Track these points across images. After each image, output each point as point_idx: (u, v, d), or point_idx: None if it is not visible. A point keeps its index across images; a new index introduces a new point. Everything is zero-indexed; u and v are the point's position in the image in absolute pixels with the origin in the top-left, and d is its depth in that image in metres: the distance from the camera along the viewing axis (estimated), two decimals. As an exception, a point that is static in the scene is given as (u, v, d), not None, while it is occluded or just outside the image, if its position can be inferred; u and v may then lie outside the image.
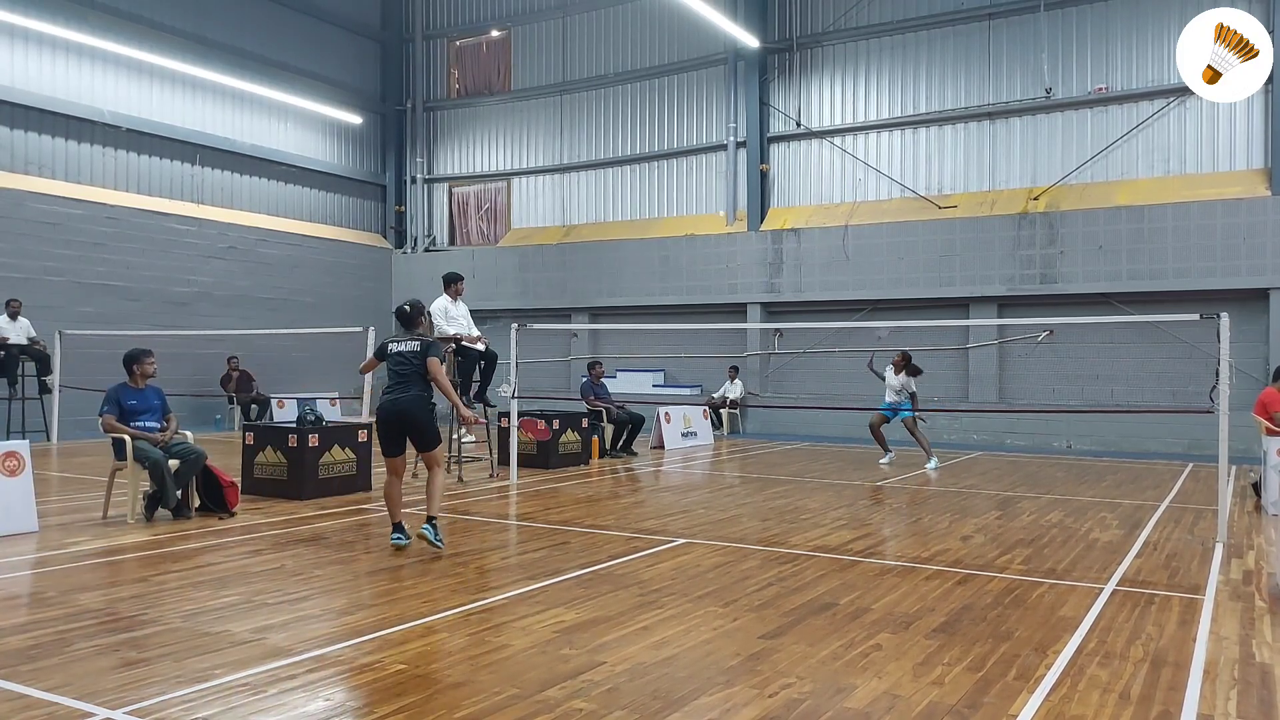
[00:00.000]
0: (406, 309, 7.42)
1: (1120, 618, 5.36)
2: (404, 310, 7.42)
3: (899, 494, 10.73)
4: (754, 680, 4.24)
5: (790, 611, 5.42)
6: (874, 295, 18.40)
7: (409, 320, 7.41)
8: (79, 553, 6.97)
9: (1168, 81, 16.36)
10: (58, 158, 17.88)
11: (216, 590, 5.82)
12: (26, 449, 7.85)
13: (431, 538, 6.89)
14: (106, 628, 4.98)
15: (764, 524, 8.53)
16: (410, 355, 7.11)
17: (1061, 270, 16.94)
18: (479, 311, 14.61)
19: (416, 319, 7.45)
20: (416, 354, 7.09)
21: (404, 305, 7.44)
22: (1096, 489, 11.15)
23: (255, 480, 9.94)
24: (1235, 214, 15.65)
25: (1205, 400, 8.45)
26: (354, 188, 24.12)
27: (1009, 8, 17.82)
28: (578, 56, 22.68)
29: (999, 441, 17.10)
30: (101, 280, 18.04)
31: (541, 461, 12.83)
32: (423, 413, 6.99)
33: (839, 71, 19.61)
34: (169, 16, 19.58)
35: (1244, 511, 9.43)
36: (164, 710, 3.81)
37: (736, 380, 19.58)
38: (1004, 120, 18.08)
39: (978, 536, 7.95)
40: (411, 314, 7.42)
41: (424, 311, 7.60)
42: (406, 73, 24.83)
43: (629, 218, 22.09)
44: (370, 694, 4.05)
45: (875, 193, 19.25)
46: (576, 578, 6.26)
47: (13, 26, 16.93)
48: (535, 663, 4.45)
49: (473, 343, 11.40)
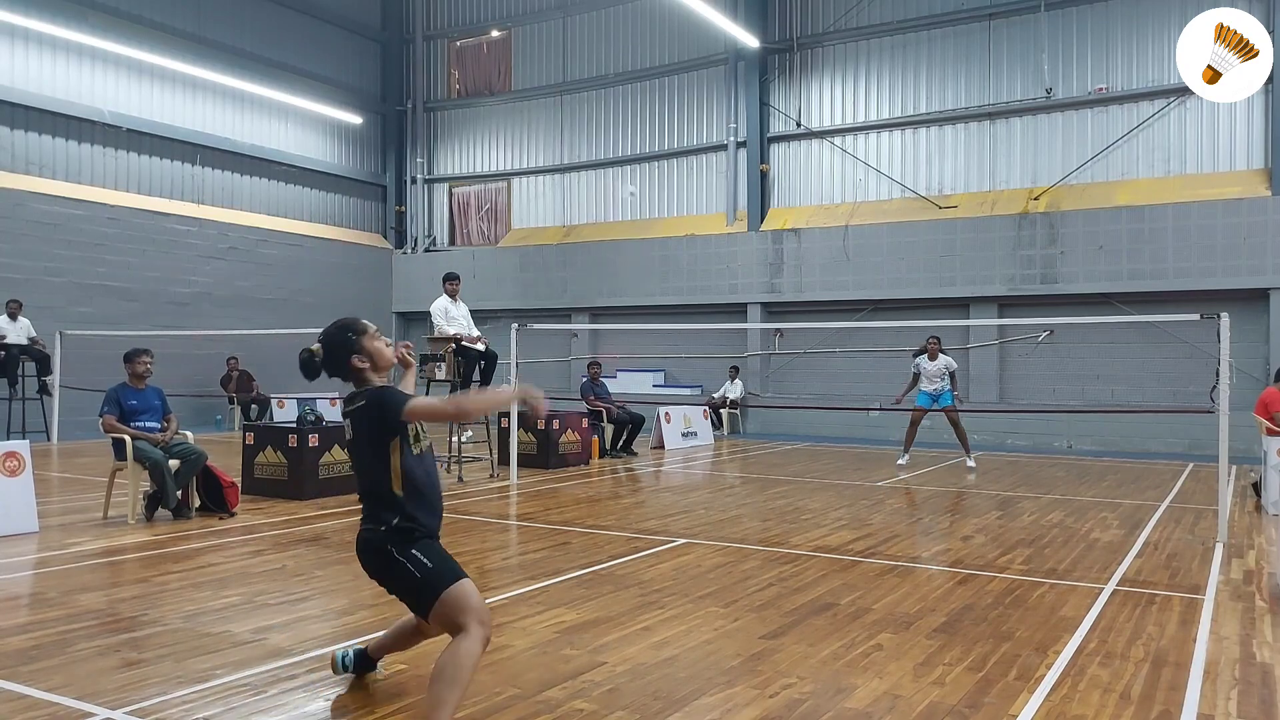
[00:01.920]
0: (307, 354, 3.84)
1: (1121, 618, 5.36)
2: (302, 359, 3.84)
3: (899, 494, 10.73)
4: (755, 680, 4.24)
5: (791, 612, 5.42)
6: (874, 295, 18.40)
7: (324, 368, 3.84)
8: (79, 553, 6.97)
9: (1168, 81, 16.36)
10: (58, 158, 17.88)
11: (217, 590, 5.82)
12: (26, 449, 7.85)
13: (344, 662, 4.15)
14: (107, 628, 4.98)
15: (765, 524, 8.53)
16: (350, 447, 3.81)
17: (1062, 270, 16.94)
18: (479, 311, 14.60)
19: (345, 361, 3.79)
20: (355, 441, 3.74)
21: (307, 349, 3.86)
22: (1097, 489, 11.15)
23: (255, 480, 9.94)
24: (1235, 214, 15.65)
25: (1205, 400, 8.46)
26: (354, 188, 24.12)
27: (1009, 8, 17.82)
28: (578, 56, 22.68)
29: (999, 441, 17.10)
30: (102, 281, 18.04)
31: (541, 461, 12.83)
32: (386, 562, 3.66)
33: (839, 71, 19.61)
34: (169, 16, 19.58)
35: (1244, 511, 9.43)
36: (164, 710, 3.81)
37: (737, 380, 19.57)
38: (1004, 120, 18.08)
39: (978, 536, 7.94)
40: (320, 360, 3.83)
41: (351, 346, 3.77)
42: (407, 73, 24.83)
43: (629, 218, 22.09)
44: (370, 694, 4.05)
45: (875, 193, 19.25)
46: (577, 578, 6.25)
47: (13, 26, 16.93)
48: (536, 663, 4.45)
49: (473, 343, 11.42)
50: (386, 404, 3.61)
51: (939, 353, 12.85)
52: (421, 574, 3.60)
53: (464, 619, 3.53)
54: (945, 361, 12.83)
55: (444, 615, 3.58)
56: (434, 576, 3.60)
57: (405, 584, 3.65)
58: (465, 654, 3.44)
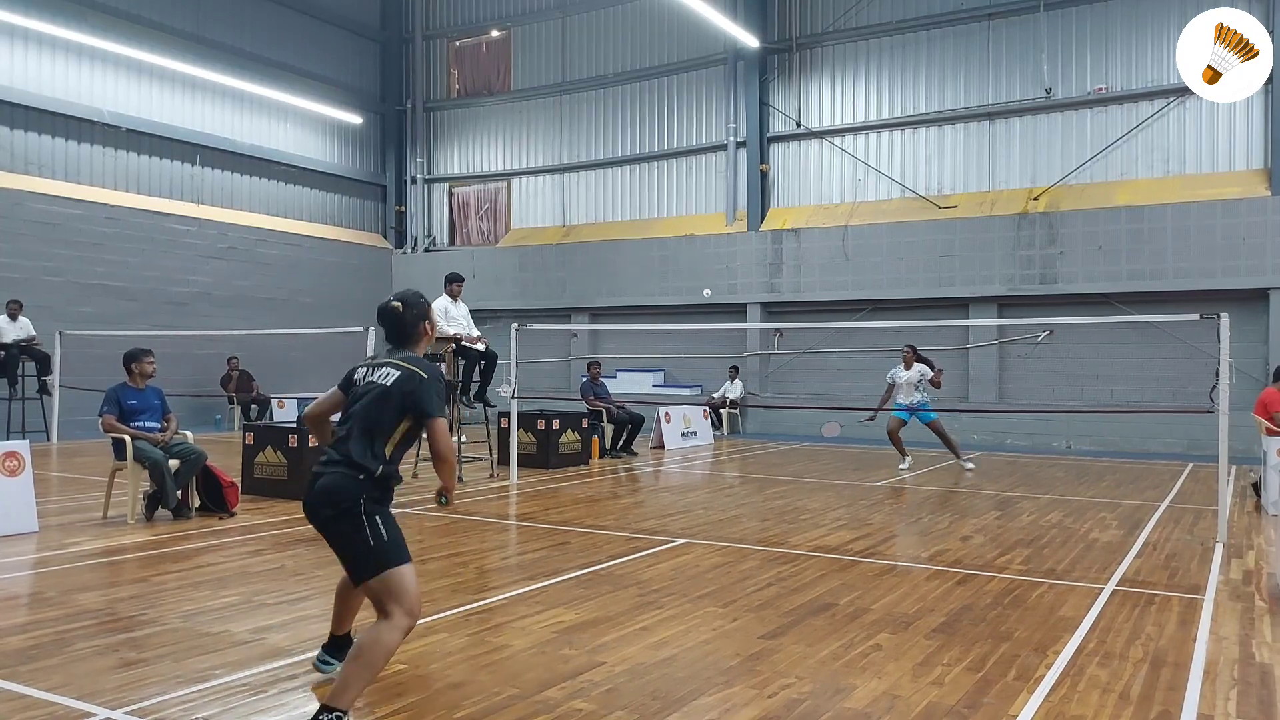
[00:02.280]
0: (396, 306, 4.00)
1: (1120, 618, 5.36)
2: (390, 309, 4.01)
3: (899, 494, 10.73)
4: (753, 680, 4.24)
5: (790, 612, 5.42)
6: (874, 295, 18.40)
7: (400, 327, 3.99)
8: (79, 553, 6.97)
9: (1168, 81, 16.36)
10: (58, 158, 17.88)
11: (216, 590, 5.82)
12: (26, 449, 7.85)
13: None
14: (106, 628, 4.98)
15: (763, 524, 8.53)
16: (375, 393, 3.78)
17: (1061, 270, 16.94)
18: (479, 311, 14.61)
19: (415, 325, 4.01)
20: (388, 393, 3.76)
21: (391, 300, 4.03)
22: (1096, 489, 11.15)
23: (255, 480, 9.94)
24: (1235, 214, 15.65)
25: (1205, 400, 8.46)
26: (354, 188, 24.12)
27: (1009, 8, 17.82)
28: (578, 56, 22.68)
29: (999, 442, 17.10)
30: (101, 280, 18.04)
31: (541, 461, 12.84)
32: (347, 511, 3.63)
33: (839, 71, 19.61)
34: (169, 16, 19.58)
35: (1244, 511, 9.43)
36: (163, 710, 3.81)
37: (736, 380, 19.57)
38: (1004, 120, 18.08)
39: (977, 537, 7.95)
40: (405, 316, 3.99)
41: (425, 314, 4.05)
42: (406, 73, 24.83)
43: (629, 218, 22.09)
44: (370, 694, 4.05)
45: (875, 193, 19.25)
46: (576, 578, 6.25)
47: (13, 26, 16.92)
48: (535, 663, 4.45)
49: (472, 343, 11.42)
50: (429, 395, 3.75)
51: (914, 361, 12.57)
52: (375, 544, 3.60)
53: (394, 605, 3.57)
54: (920, 370, 12.52)
55: (378, 592, 3.60)
56: (386, 551, 3.60)
57: (354, 547, 3.63)
58: (385, 642, 3.53)
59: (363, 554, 3.62)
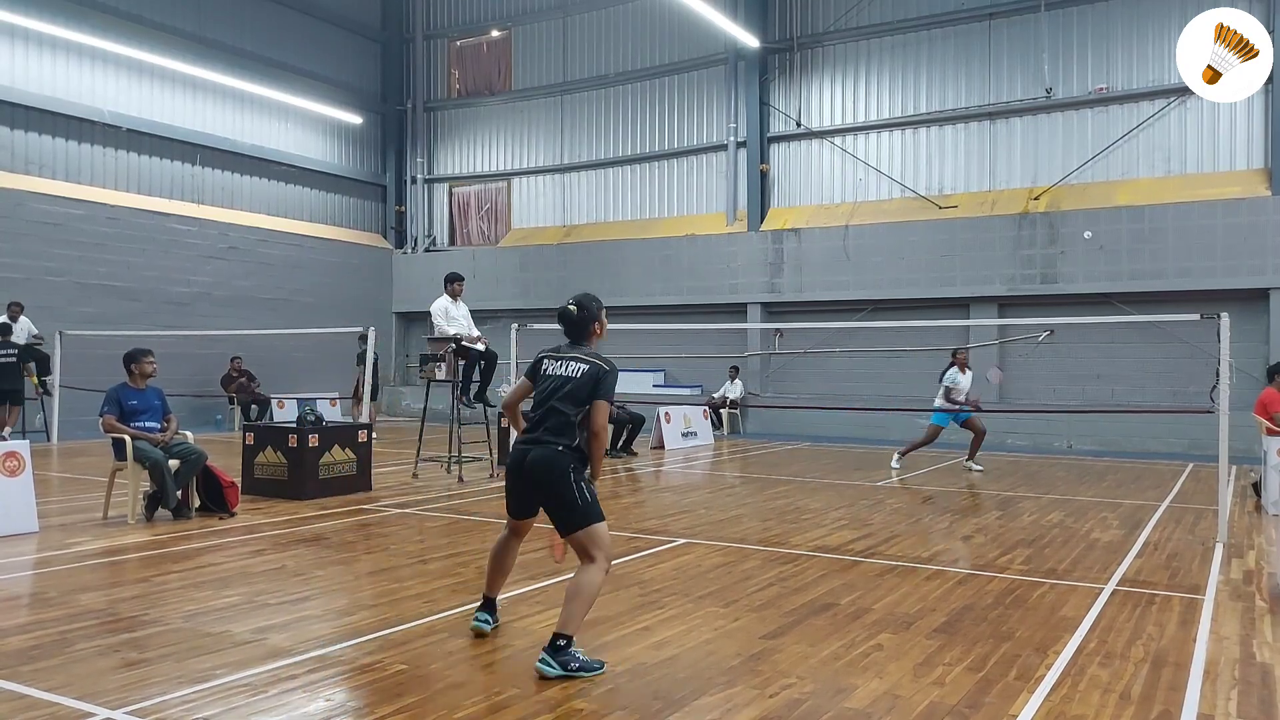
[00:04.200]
0: (572, 310, 4.79)
1: (1121, 618, 5.36)
2: (568, 312, 4.79)
3: (899, 494, 10.73)
4: (755, 680, 4.24)
5: (791, 612, 5.42)
6: (874, 295, 18.40)
7: (577, 327, 4.79)
8: (79, 553, 6.97)
9: (1168, 81, 16.35)
10: (58, 158, 17.88)
11: (217, 590, 5.82)
12: (26, 449, 7.85)
13: (551, 668, 4.23)
14: (107, 628, 4.98)
15: (765, 524, 8.53)
16: (568, 383, 4.59)
17: (1062, 270, 16.94)
18: (479, 311, 14.58)
19: (589, 324, 4.79)
20: (580, 384, 4.58)
21: (569, 304, 4.82)
22: (1097, 489, 11.15)
23: (256, 480, 9.93)
24: (1235, 214, 15.65)
25: (1205, 400, 8.46)
26: (354, 188, 24.12)
27: (1009, 8, 17.82)
28: (578, 56, 22.67)
29: (999, 441, 17.06)
30: (102, 280, 18.04)
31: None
32: (560, 476, 4.50)
33: (839, 71, 19.61)
34: (169, 16, 19.58)
35: (1244, 511, 9.43)
36: (165, 710, 3.81)
37: (737, 380, 19.57)
38: (1004, 120, 18.08)
39: (978, 537, 7.95)
40: (580, 317, 4.77)
41: (596, 315, 4.83)
42: (407, 73, 24.83)
43: (629, 218, 22.09)
44: (371, 694, 4.05)
45: (875, 193, 19.25)
46: (577, 578, 6.24)
47: (13, 26, 16.93)
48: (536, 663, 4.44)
49: (473, 343, 11.41)
50: (608, 384, 4.58)
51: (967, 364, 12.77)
52: (583, 501, 4.49)
53: (597, 551, 4.47)
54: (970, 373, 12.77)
55: (583, 542, 4.48)
56: (591, 508, 4.50)
57: (566, 503, 4.49)
58: (593, 581, 4.42)
59: (574, 509, 4.48)
